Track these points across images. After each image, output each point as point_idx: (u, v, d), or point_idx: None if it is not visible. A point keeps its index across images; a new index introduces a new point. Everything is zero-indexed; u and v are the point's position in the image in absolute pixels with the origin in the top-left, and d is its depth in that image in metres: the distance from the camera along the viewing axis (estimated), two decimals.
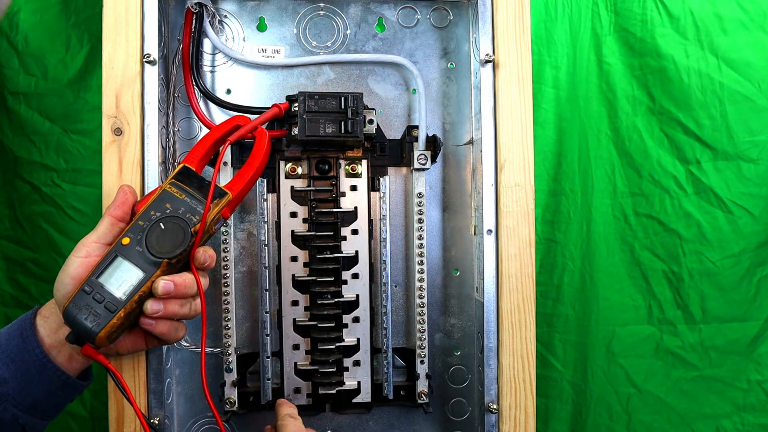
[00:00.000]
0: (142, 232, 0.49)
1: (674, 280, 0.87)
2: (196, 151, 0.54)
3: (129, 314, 0.48)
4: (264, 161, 0.55)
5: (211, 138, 0.54)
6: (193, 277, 0.50)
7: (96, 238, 0.50)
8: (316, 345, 0.62)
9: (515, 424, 0.60)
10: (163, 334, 0.50)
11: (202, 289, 0.51)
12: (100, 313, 0.47)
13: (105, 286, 0.48)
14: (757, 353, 0.87)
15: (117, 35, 0.56)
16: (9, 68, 0.78)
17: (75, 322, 0.47)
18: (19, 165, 0.79)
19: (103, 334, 0.47)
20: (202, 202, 0.50)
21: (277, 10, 0.65)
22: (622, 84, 0.87)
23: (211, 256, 0.51)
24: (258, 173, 0.55)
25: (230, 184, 0.53)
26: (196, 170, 0.52)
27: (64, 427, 0.81)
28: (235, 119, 0.56)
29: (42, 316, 0.51)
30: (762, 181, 0.85)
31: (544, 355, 0.88)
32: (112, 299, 0.47)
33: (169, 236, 0.48)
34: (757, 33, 0.85)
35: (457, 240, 0.67)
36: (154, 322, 0.49)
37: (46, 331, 0.50)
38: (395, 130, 0.66)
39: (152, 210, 0.49)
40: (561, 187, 0.87)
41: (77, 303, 0.47)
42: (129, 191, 0.52)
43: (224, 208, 0.51)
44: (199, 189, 0.51)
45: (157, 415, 0.57)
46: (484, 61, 0.61)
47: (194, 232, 0.49)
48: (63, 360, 0.50)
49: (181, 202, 0.50)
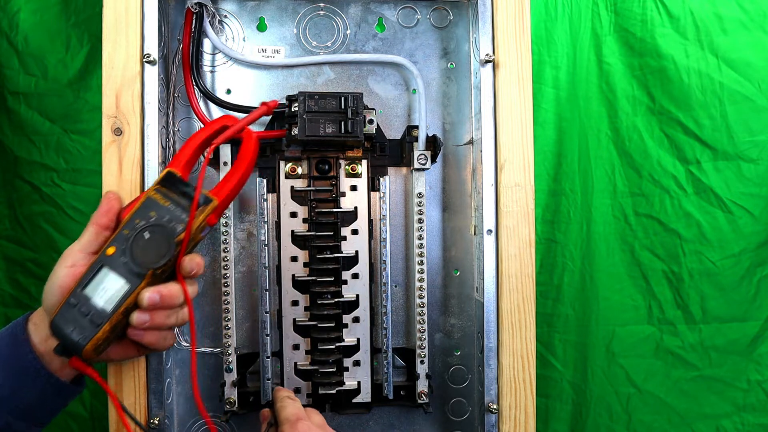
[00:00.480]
0: (126, 242, 0.47)
1: (674, 280, 0.87)
2: (181, 154, 0.52)
3: (115, 326, 0.47)
4: (251, 164, 0.53)
5: (197, 140, 0.53)
6: (180, 286, 0.48)
7: (81, 248, 0.49)
8: (316, 345, 0.62)
9: (515, 424, 0.60)
10: (152, 343, 0.49)
11: (189, 298, 0.49)
12: (86, 326, 0.46)
13: (91, 298, 0.47)
14: (757, 353, 0.88)
15: (117, 35, 0.56)
16: (9, 68, 0.78)
17: (62, 335, 0.46)
18: (19, 165, 0.79)
19: (90, 347, 0.46)
20: (187, 209, 0.48)
21: (277, 10, 0.65)
22: (622, 84, 0.87)
23: (198, 264, 0.49)
24: (245, 177, 0.53)
25: (216, 189, 0.51)
26: (182, 174, 0.50)
27: (64, 427, 0.81)
28: (222, 120, 0.54)
29: (33, 323, 0.50)
30: (762, 181, 0.85)
31: (544, 355, 0.88)
32: (97, 312, 0.46)
33: (153, 246, 0.47)
34: (757, 33, 0.85)
35: (457, 240, 0.67)
36: (142, 332, 0.48)
37: (37, 338, 0.49)
38: (395, 130, 0.66)
39: (137, 218, 0.48)
40: (561, 187, 0.87)
41: (64, 315, 0.46)
42: (114, 198, 0.51)
43: (210, 215, 0.49)
44: (184, 195, 0.49)
45: (157, 415, 0.57)
46: (484, 61, 0.61)
47: (179, 242, 0.47)
48: (56, 366, 0.49)
49: (165, 209, 0.48)
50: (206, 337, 0.63)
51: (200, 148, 0.53)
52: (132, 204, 0.51)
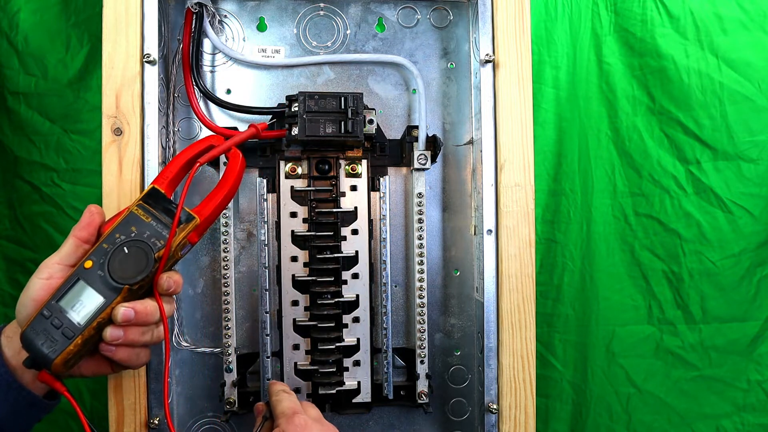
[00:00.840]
0: (105, 256, 0.47)
1: (674, 280, 0.87)
2: (166, 171, 0.52)
3: (87, 341, 0.46)
4: (236, 183, 0.53)
5: (183, 158, 0.53)
6: (156, 304, 0.48)
7: (59, 260, 0.48)
8: (316, 345, 0.62)
9: (515, 424, 0.60)
10: (123, 360, 0.48)
11: (165, 316, 0.49)
12: (57, 339, 0.45)
13: (64, 310, 0.46)
14: (757, 353, 0.87)
15: (117, 35, 0.56)
16: (9, 68, 0.78)
17: (32, 347, 0.45)
18: (19, 165, 0.79)
19: (59, 360, 0.45)
20: (169, 227, 0.48)
21: (277, 10, 0.65)
22: (622, 84, 0.87)
23: (176, 282, 0.49)
24: (230, 196, 0.53)
25: (199, 207, 0.51)
26: (166, 192, 0.50)
27: (64, 427, 0.81)
28: (209, 139, 0.55)
29: (6, 336, 0.49)
30: (762, 181, 0.85)
31: (544, 355, 0.88)
32: (70, 325, 0.46)
33: (131, 261, 0.47)
34: (757, 33, 0.85)
35: (457, 240, 0.67)
36: (114, 348, 0.47)
37: (10, 351, 0.48)
38: (395, 130, 0.66)
39: (117, 233, 0.48)
40: (561, 187, 0.87)
41: (35, 327, 0.46)
42: (96, 212, 0.50)
43: (191, 233, 0.49)
44: (166, 212, 0.49)
45: (157, 415, 0.57)
46: (484, 61, 0.61)
47: (158, 258, 0.47)
48: (29, 380, 0.48)
49: (146, 225, 0.48)
50: (206, 337, 0.63)
51: (186, 166, 0.53)
52: (114, 218, 0.50)
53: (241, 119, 0.64)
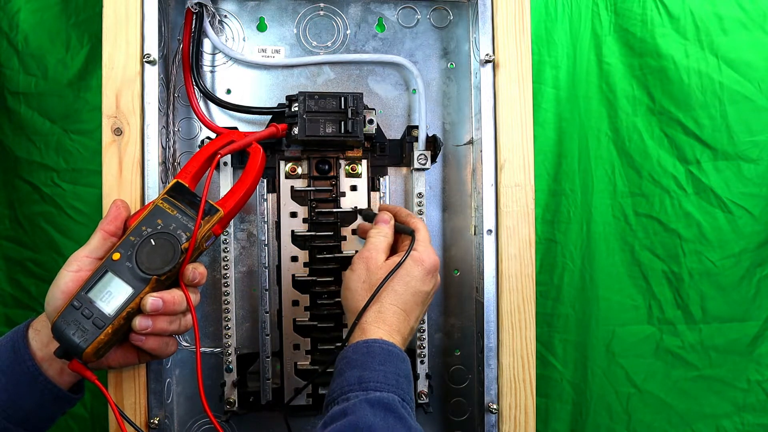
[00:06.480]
0: (132, 248, 0.48)
1: (674, 280, 0.87)
2: (189, 166, 0.53)
3: (117, 330, 0.47)
4: (257, 177, 0.55)
5: (205, 153, 0.54)
6: (183, 294, 0.49)
7: (87, 253, 0.50)
8: (316, 345, 0.62)
9: (515, 424, 0.60)
10: (153, 349, 0.50)
11: (193, 305, 0.50)
12: (88, 328, 0.47)
13: (94, 301, 0.47)
14: (757, 353, 0.87)
15: (117, 35, 0.56)
16: (9, 68, 0.78)
17: (63, 337, 0.47)
18: (19, 165, 0.79)
19: (91, 350, 0.46)
20: (194, 219, 0.50)
21: (277, 10, 0.65)
22: (622, 84, 0.87)
23: (201, 273, 0.50)
24: (251, 189, 0.55)
25: (222, 200, 0.53)
26: (189, 186, 0.52)
27: (64, 427, 0.81)
28: (230, 134, 0.56)
29: (34, 329, 0.50)
30: (762, 181, 0.85)
31: (544, 355, 0.88)
32: (100, 315, 0.47)
33: (158, 253, 0.48)
34: (757, 33, 0.85)
35: (457, 240, 0.67)
36: (144, 338, 0.49)
37: (37, 344, 0.49)
38: (395, 130, 0.66)
39: (143, 225, 0.49)
40: (561, 187, 0.87)
41: (66, 318, 0.47)
42: (122, 206, 0.52)
43: (215, 225, 0.51)
44: (191, 205, 0.50)
45: (157, 415, 0.57)
46: (484, 61, 0.61)
47: (184, 249, 0.49)
48: (54, 373, 0.50)
49: (172, 218, 0.49)
50: (206, 337, 0.64)
51: (208, 161, 0.55)
52: (139, 212, 0.51)
53: (241, 119, 0.64)
